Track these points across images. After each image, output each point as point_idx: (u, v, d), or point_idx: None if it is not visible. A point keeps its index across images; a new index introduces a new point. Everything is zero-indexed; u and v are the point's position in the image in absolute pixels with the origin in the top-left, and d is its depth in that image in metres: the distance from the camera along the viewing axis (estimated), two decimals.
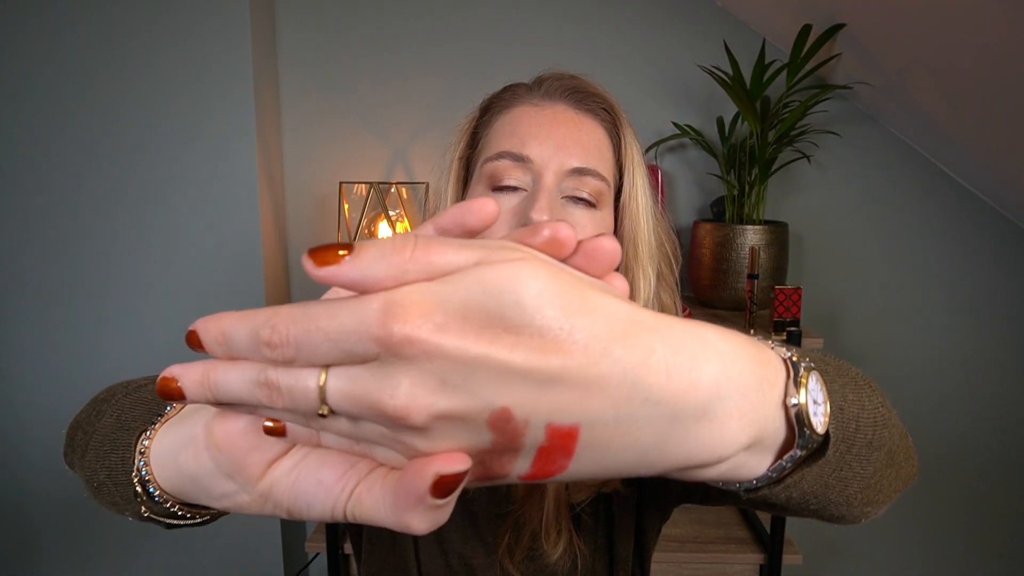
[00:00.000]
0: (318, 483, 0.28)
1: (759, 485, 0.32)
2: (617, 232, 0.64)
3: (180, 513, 0.38)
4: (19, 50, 1.58)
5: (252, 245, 1.63)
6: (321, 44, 1.68)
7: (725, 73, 1.45)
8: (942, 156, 1.64)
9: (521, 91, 0.65)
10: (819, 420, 0.31)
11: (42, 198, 1.64)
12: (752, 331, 1.40)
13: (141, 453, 0.38)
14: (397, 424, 0.22)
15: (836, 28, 1.41)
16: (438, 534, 0.69)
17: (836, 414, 0.34)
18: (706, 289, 1.55)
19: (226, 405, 0.26)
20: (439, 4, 1.66)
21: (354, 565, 1.50)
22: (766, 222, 1.53)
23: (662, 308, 0.66)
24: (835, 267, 1.73)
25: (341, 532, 1.47)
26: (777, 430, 0.30)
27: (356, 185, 1.66)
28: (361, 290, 0.22)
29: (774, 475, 0.31)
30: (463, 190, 0.65)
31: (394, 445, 0.24)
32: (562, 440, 0.23)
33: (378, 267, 0.22)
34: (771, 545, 1.44)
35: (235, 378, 0.24)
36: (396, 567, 0.69)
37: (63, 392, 1.70)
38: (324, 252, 0.23)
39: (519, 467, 0.24)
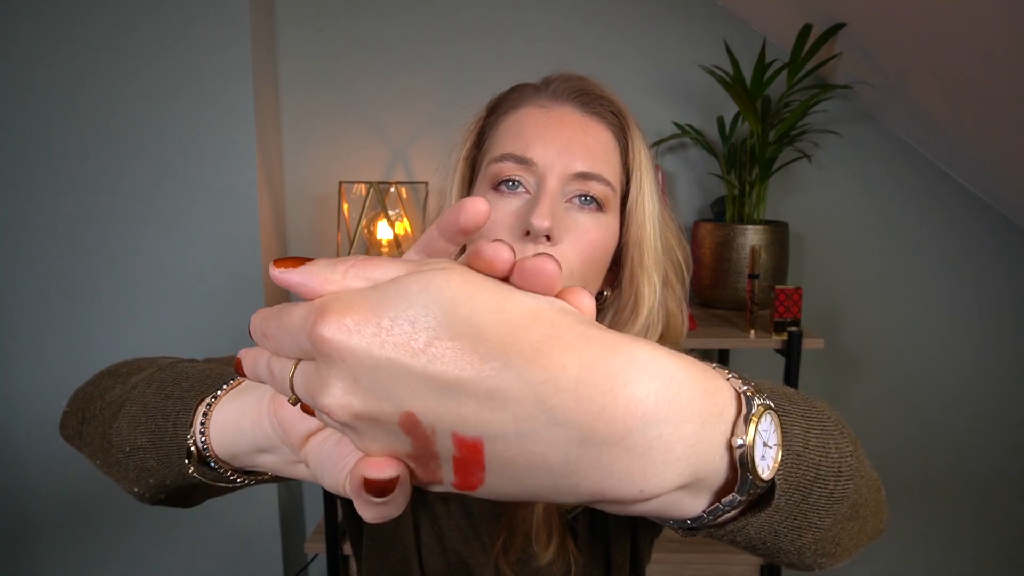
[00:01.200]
0: (329, 458, 0.31)
1: (695, 526, 0.30)
2: (623, 237, 0.63)
3: (230, 476, 0.43)
4: (18, 49, 1.58)
5: (252, 245, 1.63)
6: (321, 43, 1.68)
7: (726, 72, 1.45)
8: (942, 156, 1.64)
9: (528, 92, 0.64)
10: (766, 464, 0.29)
11: (40, 198, 1.64)
12: (752, 331, 1.40)
13: (202, 421, 0.42)
14: (331, 420, 0.25)
15: (836, 28, 1.41)
16: (438, 532, 0.69)
17: (791, 460, 0.31)
18: (706, 289, 1.55)
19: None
20: (439, 4, 1.66)
21: (354, 565, 1.50)
22: (766, 222, 1.53)
23: (668, 315, 0.65)
24: (835, 267, 1.73)
25: (341, 532, 1.47)
26: (717, 470, 0.27)
27: (356, 185, 1.65)
28: (306, 294, 0.26)
29: (709, 518, 0.29)
30: (468, 190, 0.64)
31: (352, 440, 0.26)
32: (470, 452, 0.23)
33: (321, 273, 0.25)
34: None
35: (259, 362, 0.29)
36: (397, 564, 0.69)
37: (62, 392, 1.69)
38: (287, 260, 0.26)
39: (446, 475, 0.25)
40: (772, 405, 0.29)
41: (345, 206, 1.64)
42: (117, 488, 0.50)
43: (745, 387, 0.29)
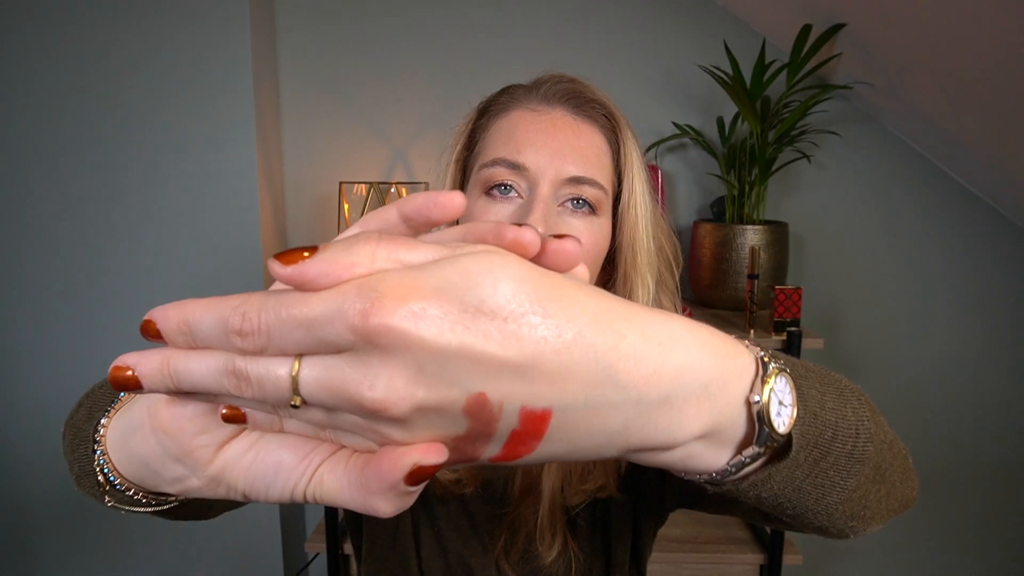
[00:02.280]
0: (277, 465, 0.27)
1: (721, 479, 0.32)
2: (616, 239, 0.64)
3: (143, 500, 0.38)
4: (17, 49, 1.58)
5: (252, 245, 1.63)
6: (321, 43, 1.68)
7: (725, 73, 1.45)
8: (942, 156, 1.64)
9: (519, 94, 0.64)
10: (781, 421, 0.31)
11: (40, 199, 1.64)
12: (752, 331, 1.40)
13: (97, 441, 0.37)
14: (375, 416, 0.22)
15: (836, 28, 1.41)
16: (438, 533, 0.70)
17: (808, 419, 0.33)
18: (706, 289, 1.55)
19: (185, 394, 0.25)
20: (439, 4, 1.66)
21: (354, 565, 1.50)
22: (766, 222, 1.53)
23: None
24: (835, 267, 1.73)
25: (341, 532, 1.47)
26: (735, 424, 0.30)
27: (356, 185, 1.66)
28: (330, 283, 0.22)
29: (733, 469, 0.31)
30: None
31: (369, 434, 0.24)
32: (535, 424, 0.24)
33: (344, 257, 0.22)
34: (771, 545, 1.44)
35: (199, 367, 0.24)
36: (397, 565, 0.69)
37: (61, 392, 1.70)
38: (290, 253, 0.22)
39: (490, 450, 0.25)
40: (788, 369, 0.32)
41: (345, 206, 1.64)
42: None
43: (763, 353, 0.32)
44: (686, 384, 0.26)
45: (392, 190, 1.62)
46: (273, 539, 1.75)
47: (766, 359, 0.31)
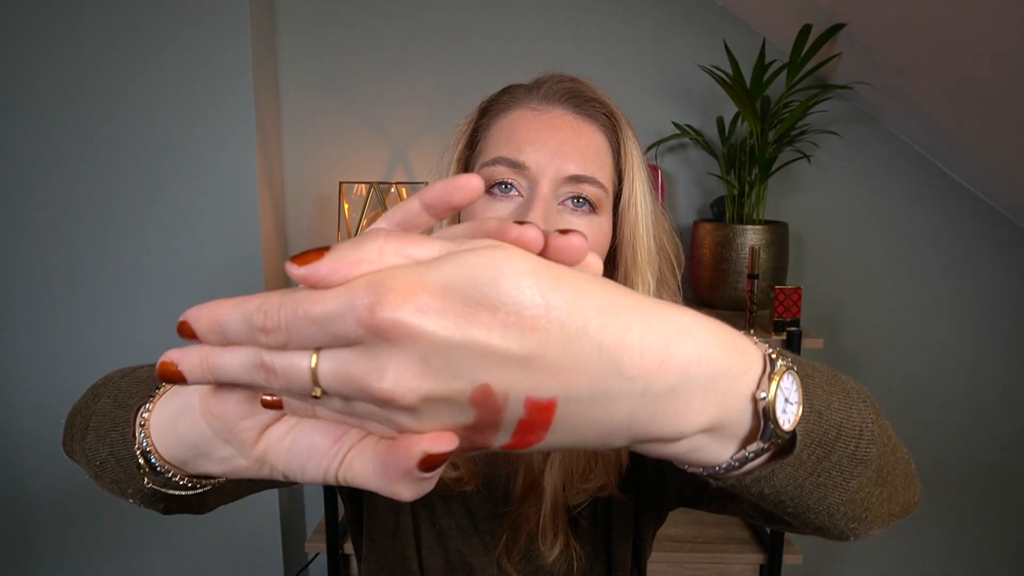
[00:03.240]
0: (312, 448, 0.29)
1: (724, 473, 0.32)
2: (616, 237, 0.64)
3: (183, 483, 0.39)
4: (16, 49, 1.58)
5: (252, 245, 1.63)
6: (321, 43, 1.68)
7: (725, 73, 1.45)
8: (942, 156, 1.64)
9: (520, 93, 0.64)
10: (787, 418, 0.31)
11: (40, 200, 1.64)
12: (752, 331, 1.40)
13: (141, 425, 0.39)
14: (386, 405, 0.23)
15: (836, 28, 1.41)
16: (439, 531, 0.70)
17: (812, 417, 0.34)
18: (706, 289, 1.55)
19: (225, 385, 0.27)
20: (439, 4, 1.66)
21: (354, 564, 1.50)
22: (766, 222, 1.53)
23: None
24: (835, 267, 1.73)
25: (342, 532, 1.47)
26: (741, 419, 0.30)
27: (356, 185, 1.66)
28: (339, 280, 0.23)
29: (736, 464, 0.32)
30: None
31: (385, 422, 0.25)
32: (541, 413, 0.24)
33: (352, 254, 0.23)
34: (771, 545, 1.44)
35: (232, 361, 0.26)
36: (397, 563, 0.70)
37: (61, 393, 1.70)
38: (305, 254, 0.24)
39: (500, 439, 0.25)
40: (795, 368, 0.32)
41: (345, 206, 1.64)
42: None
43: (771, 351, 0.32)
44: (693, 377, 0.27)
45: (392, 190, 1.62)
46: (273, 539, 1.75)
47: (774, 356, 0.32)
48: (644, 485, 0.70)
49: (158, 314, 1.67)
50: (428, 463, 0.24)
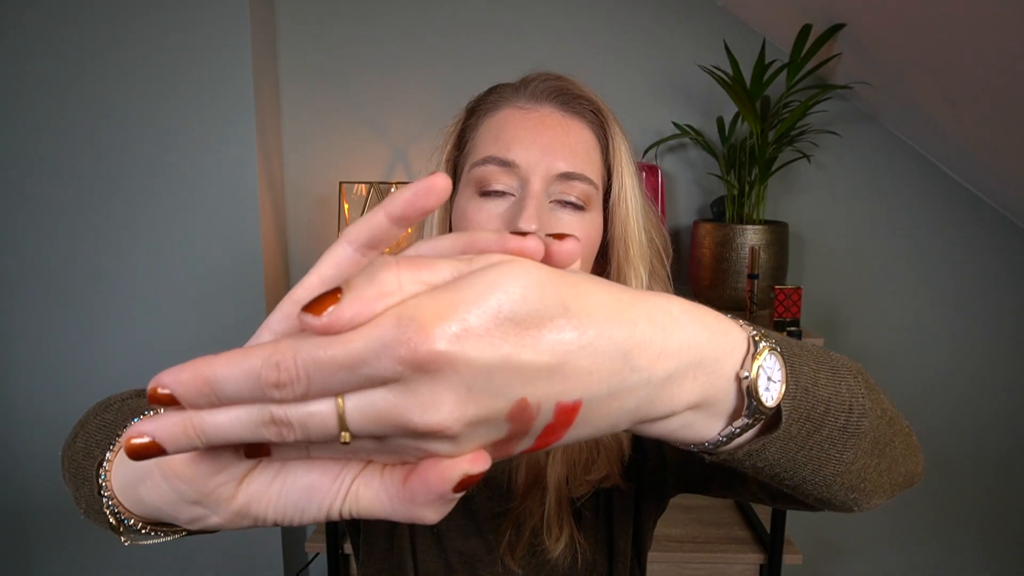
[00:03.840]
0: (310, 488, 0.27)
1: (714, 448, 0.34)
2: (607, 232, 0.64)
3: (162, 535, 0.37)
4: (15, 49, 1.58)
5: (252, 245, 1.63)
6: (321, 43, 1.68)
7: (725, 73, 1.45)
8: (942, 156, 1.64)
9: (507, 92, 0.64)
10: (770, 395, 0.33)
11: (38, 199, 1.64)
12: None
13: (103, 488, 0.37)
14: (427, 437, 0.23)
15: (836, 28, 1.41)
16: (436, 534, 0.69)
17: (799, 394, 0.35)
18: (706, 289, 1.55)
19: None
20: (439, 4, 1.66)
21: (354, 565, 1.50)
22: (766, 222, 1.53)
23: None
24: (835, 267, 1.73)
25: (341, 532, 1.47)
26: (727, 397, 0.32)
27: (356, 185, 1.66)
28: (365, 319, 0.22)
29: (724, 439, 0.33)
30: (451, 193, 0.65)
31: (415, 453, 0.25)
32: (567, 416, 0.25)
33: (370, 290, 0.22)
34: (771, 545, 1.44)
35: (229, 422, 0.23)
36: (393, 567, 0.69)
37: (60, 395, 1.70)
38: (319, 302, 0.22)
39: (524, 445, 0.26)
40: (779, 348, 0.34)
41: (345, 206, 1.64)
42: None
43: (755, 332, 0.34)
44: (685, 361, 0.29)
45: (392, 190, 1.62)
46: (273, 539, 1.75)
47: (757, 338, 0.33)
48: (645, 471, 0.70)
49: (158, 313, 1.67)
50: (464, 484, 0.24)
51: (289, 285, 1.80)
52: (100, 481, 0.37)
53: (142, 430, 0.23)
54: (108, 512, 0.36)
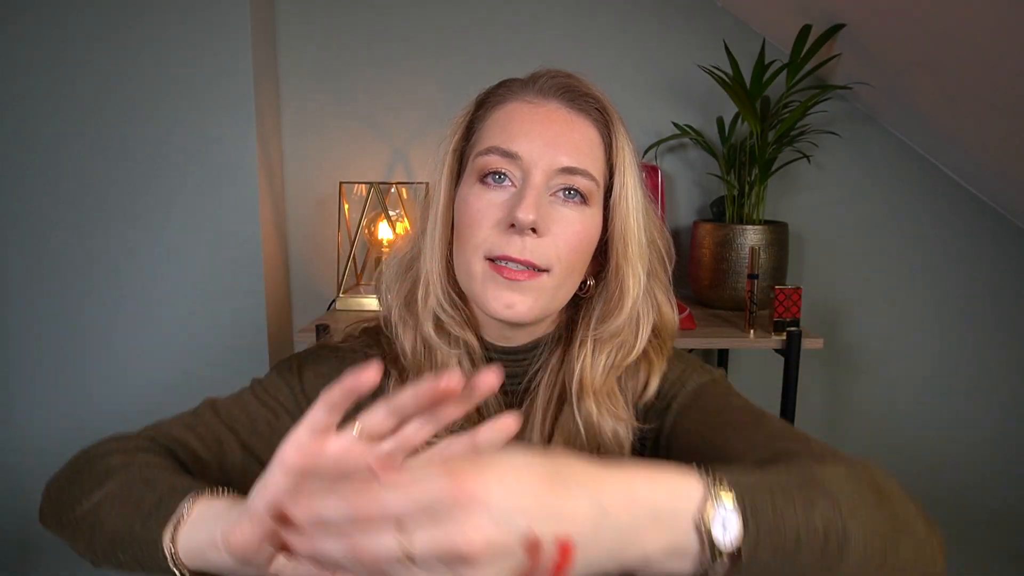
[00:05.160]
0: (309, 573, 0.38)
1: None
2: (608, 229, 0.65)
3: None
4: (14, 49, 1.58)
5: (252, 245, 1.63)
6: (322, 44, 1.68)
7: (725, 73, 1.45)
8: (942, 156, 1.64)
9: (516, 87, 0.65)
10: (727, 540, 0.37)
11: (37, 200, 1.64)
12: (752, 331, 1.40)
13: (172, 553, 0.47)
14: (465, 560, 0.31)
15: (836, 28, 1.41)
16: None
17: (761, 533, 0.38)
18: (706, 289, 1.55)
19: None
20: (439, 5, 1.66)
21: None
22: (766, 222, 1.53)
23: (656, 303, 0.66)
24: (835, 267, 1.73)
25: None
26: (690, 543, 0.37)
27: (356, 185, 1.66)
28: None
29: (701, 573, 0.38)
30: (456, 182, 0.65)
31: None
32: (564, 553, 0.33)
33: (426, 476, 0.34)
34: None
35: (332, 549, 0.33)
36: None
37: (59, 398, 1.70)
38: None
39: None
40: (735, 491, 0.39)
41: (345, 206, 1.64)
42: None
43: (714, 478, 0.39)
44: (639, 514, 0.36)
45: (392, 190, 1.62)
46: None
47: (716, 484, 0.38)
48: None
49: (158, 313, 1.67)
50: None
51: (289, 285, 1.80)
52: (168, 546, 0.47)
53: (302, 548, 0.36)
54: (175, 568, 0.48)
